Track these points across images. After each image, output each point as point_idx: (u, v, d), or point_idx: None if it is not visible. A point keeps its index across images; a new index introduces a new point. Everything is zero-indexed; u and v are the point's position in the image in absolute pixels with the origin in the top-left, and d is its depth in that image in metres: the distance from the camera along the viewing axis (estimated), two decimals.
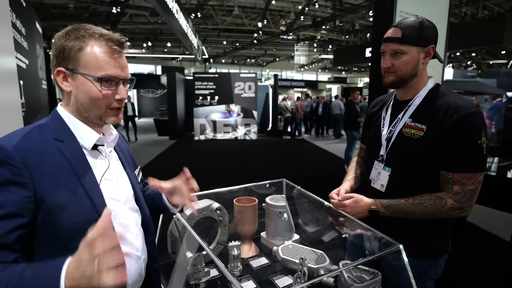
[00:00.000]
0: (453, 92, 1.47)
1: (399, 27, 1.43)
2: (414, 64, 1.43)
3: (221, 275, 1.53)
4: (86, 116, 1.02)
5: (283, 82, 28.52)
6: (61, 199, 0.90)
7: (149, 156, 9.45)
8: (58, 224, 0.89)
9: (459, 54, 22.86)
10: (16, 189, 0.84)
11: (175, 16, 9.44)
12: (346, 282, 1.31)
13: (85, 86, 0.98)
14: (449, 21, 4.67)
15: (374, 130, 1.66)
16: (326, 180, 1.54)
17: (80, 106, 1.00)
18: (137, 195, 1.21)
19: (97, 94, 0.98)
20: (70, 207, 0.91)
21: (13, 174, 0.84)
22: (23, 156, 0.86)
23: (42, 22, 6.41)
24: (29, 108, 3.09)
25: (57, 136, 0.97)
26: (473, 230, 4.41)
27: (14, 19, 2.69)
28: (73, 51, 0.96)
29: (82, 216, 0.92)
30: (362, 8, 16.10)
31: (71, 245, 0.79)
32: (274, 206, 1.79)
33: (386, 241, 1.36)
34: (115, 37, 1.01)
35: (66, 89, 0.99)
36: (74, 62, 0.96)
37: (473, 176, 1.34)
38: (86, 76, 0.97)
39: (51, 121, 1.01)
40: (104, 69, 0.97)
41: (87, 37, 0.97)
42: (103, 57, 0.98)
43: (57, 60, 0.98)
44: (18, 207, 0.83)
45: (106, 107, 1.02)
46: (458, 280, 3.17)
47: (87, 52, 0.96)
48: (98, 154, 1.07)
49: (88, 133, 1.02)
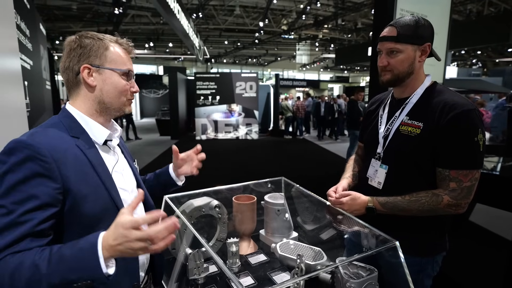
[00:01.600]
0: (450, 89, 1.48)
1: (394, 26, 1.44)
2: (410, 62, 1.45)
3: (220, 271, 1.55)
4: (106, 108, 1.14)
5: (284, 81, 28.49)
6: (83, 190, 0.99)
7: (151, 156, 9.48)
8: (81, 213, 0.99)
9: (464, 52, 22.70)
10: (47, 182, 0.92)
11: (176, 16, 9.45)
12: (342, 278, 1.32)
13: (111, 79, 1.12)
14: (451, 18, 4.67)
15: (372, 129, 1.67)
16: (328, 180, 1.54)
17: (105, 98, 1.12)
18: (140, 186, 1.31)
19: (123, 85, 1.14)
20: (91, 197, 1.01)
21: (44, 169, 0.92)
22: (50, 152, 0.95)
23: (45, 23, 6.44)
24: (34, 108, 3.12)
25: (72, 133, 1.06)
26: (476, 229, 4.41)
27: (19, 21, 2.72)
28: (100, 49, 1.10)
29: (102, 205, 1.03)
30: (364, 6, 16.06)
31: (92, 231, 0.90)
32: (273, 204, 1.81)
33: (383, 238, 1.36)
34: (126, 41, 1.18)
35: (91, 83, 1.10)
36: (101, 59, 1.10)
37: (470, 173, 1.35)
38: (114, 70, 1.12)
39: (63, 119, 1.09)
40: (126, 65, 1.15)
41: (108, 39, 1.13)
42: (124, 55, 1.15)
43: (82, 58, 1.08)
44: (50, 198, 0.92)
45: (126, 98, 1.17)
46: (457, 278, 3.19)
47: (112, 51, 1.12)
48: (107, 149, 1.18)
49: (99, 129, 1.13)
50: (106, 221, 0.95)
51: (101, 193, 1.04)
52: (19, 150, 0.92)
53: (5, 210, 0.87)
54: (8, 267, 0.82)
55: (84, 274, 0.83)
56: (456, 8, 14.92)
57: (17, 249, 0.85)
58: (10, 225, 0.86)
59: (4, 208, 0.87)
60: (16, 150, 0.92)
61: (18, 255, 0.84)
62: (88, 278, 0.83)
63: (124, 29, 18.95)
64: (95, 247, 0.83)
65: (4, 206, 0.87)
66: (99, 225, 0.98)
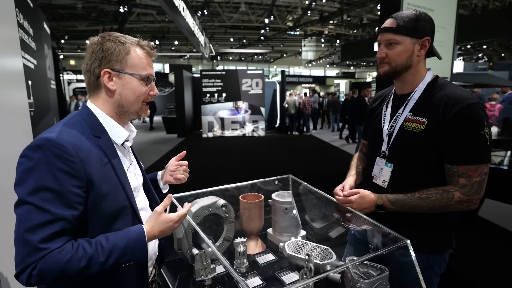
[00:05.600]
0: (452, 84, 1.46)
1: (395, 17, 1.43)
2: (408, 55, 1.42)
3: (227, 271, 1.53)
4: (125, 111, 1.17)
5: (290, 78, 28.39)
6: (104, 189, 1.04)
7: (158, 154, 9.50)
8: (102, 210, 1.04)
9: (470, 46, 22.51)
10: (74, 180, 0.96)
11: (181, 14, 9.44)
12: (352, 278, 1.30)
13: (131, 84, 1.14)
14: (457, 13, 4.60)
15: (375, 126, 1.64)
16: (335, 177, 1.52)
17: (124, 102, 1.15)
18: (146, 184, 1.37)
19: (141, 90, 1.16)
20: (111, 196, 1.06)
21: (71, 168, 0.96)
22: (77, 151, 0.98)
23: (50, 22, 6.46)
24: (38, 107, 3.12)
25: (95, 132, 1.10)
26: (485, 225, 4.36)
27: (22, 20, 2.71)
28: (121, 54, 1.11)
29: (119, 204, 1.09)
30: (369, 1, 15.95)
31: (111, 227, 1.06)
32: (280, 202, 1.78)
33: (392, 237, 1.34)
34: (148, 43, 1.19)
35: (111, 87, 1.12)
36: (122, 64, 1.11)
37: (479, 168, 1.33)
38: (134, 75, 1.13)
39: (86, 117, 1.12)
40: (147, 69, 1.16)
41: (129, 43, 1.13)
42: (145, 60, 1.16)
43: (103, 63, 1.10)
44: (77, 197, 0.97)
45: (143, 102, 1.19)
46: (466, 274, 3.15)
47: (133, 56, 1.13)
48: (123, 149, 1.22)
49: (119, 130, 1.16)
50: (123, 218, 1.10)
51: (119, 193, 1.10)
52: (47, 148, 0.95)
53: (37, 208, 0.91)
54: (58, 260, 0.91)
55: (133, 257, 1.03)
56: (462, 3, 14.80)
57: (57, 245, 0.93)
58: (44, 223, 0.91)
59: (35, 207, 0.91)
60: (45, 148, 0.95)
61: (66, 248, 0.93)
62: (133, 260, 1.03)
63: (129, 27, 19.02)
64: (143, 236, 1.06)
65: (35, 204, 0.91)
66: (117, 221, 1.08)
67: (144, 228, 1.08)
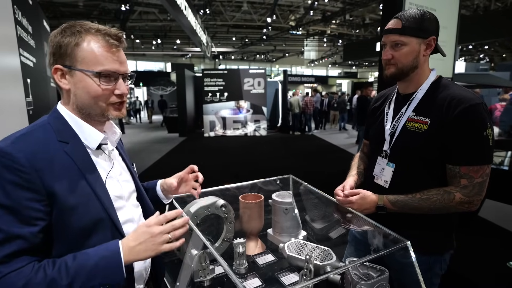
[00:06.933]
0: (456, 84, 1.45)
1: (399, 18, 1.41)
2: (415, 56, 1.41)
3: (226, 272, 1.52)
4: (87, 114, 1.00)
5: (292, 77, 28.33)
6: (71, 201, 0.90)
7: (159, 153, 9.49)
8: (70, 225, 0.90)
9: (471, 47, 22.47)
10: (29, 194, 0.85)
11: (183, 12, 9.44)
12: (352, 280, 1.28)
13: (83, 82, 0.96)
14: (459, 13, 4.58)
15: (377, 125, 1.63)
16: (337, 177, 1.51)
17: (80, 104, 0.99)
18: (139, 191, 1.23)
19: (96, 90, 0.96)
20: (81, 208, 0.92)
21: (24, 180, 0.84)
22: (31, 160, 0.86)
23: (51, 20, 6.46)
24: (37, 106, 3.11)
25: (61, 137, 0.96)
26: (486, 225, 4.35)
27: (20, 17, 2.70)
28: (69, 47, 0.93)
29: (93, 216, 0.94)
30: (372, 1, 15.96)
31: (85, 244, 0.91)
32: (281, 202, 1.77)
33: (393, 238, 1.33)
34: (112, 31, 0.99)
35: (64, 87, 0.98)
36: (71, 59, 0.94)
37: (481, 169, 1.32)
38: (85, 72, 0.95)
39: (53, 121, 0.99)
40: (103, 64, 0.95)
41: (84, 33, 0.95)
42: (101, 52, 0.95)
43: (54, 58, 0.96)
44: (35, 211, 0.85)
45: (107, 103, 1.00)
46: (467, 274, 3.14)
47: (84, 48, 0.94)
48: (102, 153, 1.07)
49: (92, 133, 1.02)
50: (99, 233, 0.95)
51: (93, 204, 0.95)
52: None
53: None
54: (12, 285, 0.79)
55: (106, 280, 0.87)
56: (464, 3, 14.80)
57: (14, 266, 0.81)
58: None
59: None
60: None
61: (24, 271, 0.81)
62: (108, 283, 0.87)
63: (131, 26, 19.04)
64: (118, 254, 0.89)
65: None
66: (92, 237, 0.93)
67: (120, 244, 0.91)
